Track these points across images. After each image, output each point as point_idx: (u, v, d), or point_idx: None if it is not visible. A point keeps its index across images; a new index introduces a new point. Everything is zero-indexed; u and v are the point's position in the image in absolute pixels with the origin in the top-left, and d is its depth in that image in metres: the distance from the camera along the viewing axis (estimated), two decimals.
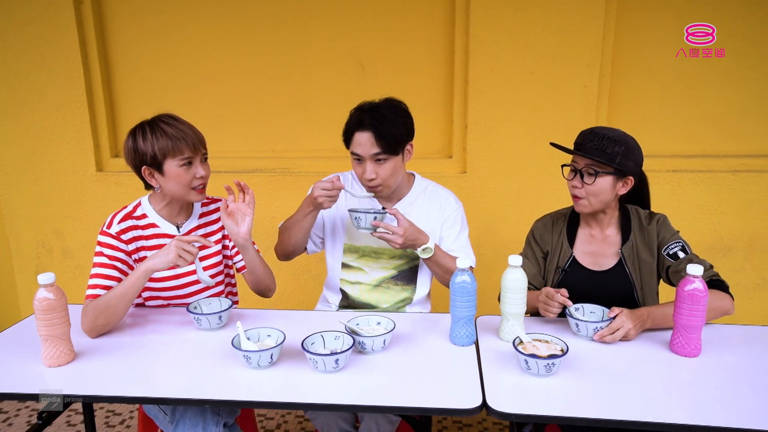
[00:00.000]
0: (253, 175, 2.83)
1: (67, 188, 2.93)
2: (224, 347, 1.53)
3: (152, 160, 1.63)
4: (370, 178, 1.81)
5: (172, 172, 1.64)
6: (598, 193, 1.66)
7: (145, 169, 1.66)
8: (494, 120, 2.67)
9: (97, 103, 2.86)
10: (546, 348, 1.39)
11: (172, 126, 1.64)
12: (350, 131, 1.82)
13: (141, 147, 1.63)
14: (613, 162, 1.62)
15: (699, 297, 1.40)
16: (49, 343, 1.41)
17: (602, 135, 1.63)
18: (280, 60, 2.78)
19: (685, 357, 1.45)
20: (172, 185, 1.66)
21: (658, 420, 1.20)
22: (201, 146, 1.68)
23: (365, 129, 1.77)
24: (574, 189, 1.69)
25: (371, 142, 1.77)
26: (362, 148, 1.79)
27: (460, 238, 1.97)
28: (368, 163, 1.80)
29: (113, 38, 2.83)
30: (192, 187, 1.68)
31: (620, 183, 1.67)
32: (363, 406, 1.29)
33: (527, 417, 1.23)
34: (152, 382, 1.38)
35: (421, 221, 1.93)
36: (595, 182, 1.64)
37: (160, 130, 1.63)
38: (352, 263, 1.99)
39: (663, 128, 2.72)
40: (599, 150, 1.62)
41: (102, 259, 1.65)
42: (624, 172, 1.65)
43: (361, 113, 1.80)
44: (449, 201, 1.99)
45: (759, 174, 2.67)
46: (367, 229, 1.77)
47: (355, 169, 1.87)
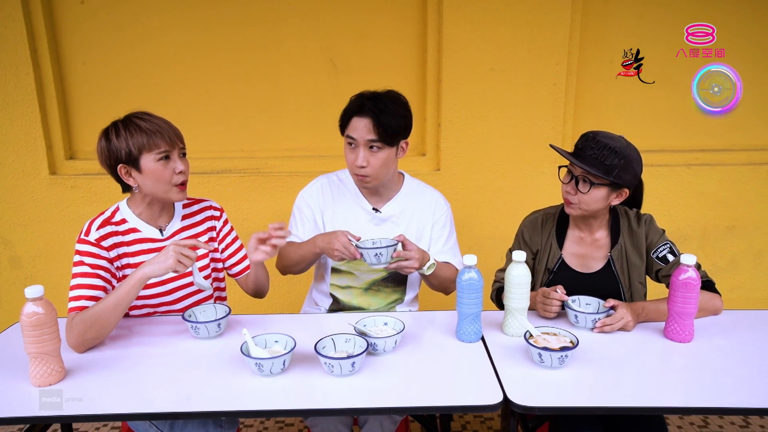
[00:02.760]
0: (222, 176, 2.73)
1: (16, 193, 2.71)
2: (225, 355, 1.47)
3: (127, 156, 1.55)
4: (361, 165, 1.78)
5: (149, 168, 1.56)
6: (590, 203, 1.65)
7: (121, 168, 1.57)
8: (467, 117, 2.71)
9: (49, 102, 2.66)
10: (556, 341, 1.42)
11: (146, 120, 1.57)
12: (348, 115, 1.79)
13: (115, 144, 1.55)
14: (610, 174, 1.59)
15: (692, 285, 1.47)
16: (39, 361, 1.30)
17: (603, 144, 1.60)
18: (249, 58, 2.69)
19: (680, 343, 1.53)
20: (151, 182, 1.58)
21: (668, 405, 1.26)
22: (178, 140, 1.61)
23: (364, 114, 1.75)
24: (567, 194, 1.68)
25: (368, 128, 1.75)
26: (358, 132, 1.76)
27: (449, 240, 1.98)
28: (361, 150, 1.78)
29: (65, 31, 2.65)
30: (173, 183, 1.60)
31: (614, 194, 1.66)
32: (385, 408, 1.27)
33: (550, 409, 1.26)
34: (154, 397, 1.30)
35: (412, 222, 1.93)
36: (589, 192, 1.63)
37: (134, 125, 1.56)
38: (341, 267, 1.95)
39: (625, 125, 2.84)
40: (597, 160, 1.60)
41: (83, 269, 1.54)
42: (620, 185, 1.64)
43: (362, 99, 1.78)
44: (439, 202, 1.99)
45: (711, 167, 2.85)
46: (384, 263, 1.70)
47: (347, 156, 1.83)
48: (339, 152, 2.74)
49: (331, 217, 1.93)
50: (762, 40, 2.75)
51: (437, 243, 1.96)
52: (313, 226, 1.94)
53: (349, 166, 1.84)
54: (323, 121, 2.76)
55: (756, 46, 2.76)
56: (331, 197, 1.95)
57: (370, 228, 1.92)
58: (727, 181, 2.86)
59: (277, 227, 1.57)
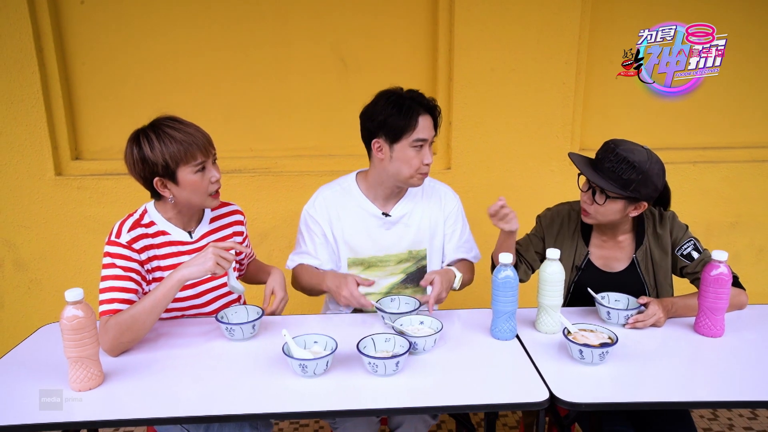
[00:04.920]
0: (232, 176, 2.70)
1: (20, 194, 2.66)
2: (262, 356, 1.46)
3: (164, 170, 1.51)
4: (430, 162, 1.77)
5: (187, 180, 1.53)
6: (607, 214, 1.65)
7: (157, 181, 1.53)
8: (478, 116, 2.72)
9: (55, 101, 2.61)
10: (594, 337, 1.44)
11: (179, 130, 1.52)
12: (413, 116, 1.71)
13: (149, 156, 1.50)
14: (627, 189, 1.58)
15: (724, 281, 1.50)
16: (79, 365, 1.28)
17: (622, 158, 1.57)
18: (258, 56, 2.67)
19: (711, 338, 1.55)
20: (188, 194, 1.55)
21: (708, 399, 1.29)
22: (211, 147, 1.58)
23: (426, 112, 1.74)
24: (584, 203, 1.69)
25: (431, 125, 1.76)
26: (427, 131, 1.74)
27: (464, 233, 1.98)
28: (428, 147, 1.76)
29: (71, 30, 2.60)
30: (209, 193, 1.58)
31: (632, 207, 1.65)
32: (433, 407, 1.27)
33: (596, 405, 1.27)
34: (195, 400, 1.29)
35: (424, 218, 1.92)
36: (605, 204, 1.63)
37: (168, 135, 1.50)
38: (360, 275, 1.88)
39: (632, 124, 2.88)
40: (615, 173, 1.58)
41: (115, 271, 1.51)
42: (638, 198, 1.62)
43: (410, 100, 1.73)
44: (448, 196, 1.98)
45: (714, 165, 2.90)
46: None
47: (412, 158, 1.74)
48: (349, 151, 2.76)
49: (341, 228, 1.88)
50: (764, 39, 2.81)
51: (452, 238, 1.95)
52: (324, 241, 1.89)
53: (415, 167, 1.76)
54: (333, 120, 2.75)
55: (758, 44, 2.81)
56: (337, 208, 1.88)
57: (381, 233, 1.89)
58: (730, 178, 2.92)
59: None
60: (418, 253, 1.93)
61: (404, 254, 1.91)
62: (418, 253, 1.93)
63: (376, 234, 1.88)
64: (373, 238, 1.88)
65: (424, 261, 1.95)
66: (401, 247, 1.90)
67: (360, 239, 1.87)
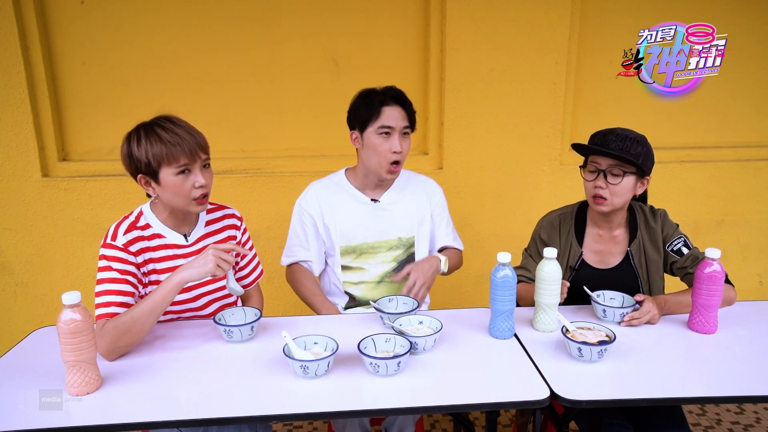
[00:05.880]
0: (224, 177, 2.68)
1: (6, 196, 2.61)
2: (261, 358, 1.45)
3: (147, 168, 1.50)
4: (399, 150, 1.84)
5: (168, 181, 1.51)
6: (623, 193, 1.70)
7: (140, 178, 1.52)
8: (469, 116, 2.73)
9: (41, 101, 2.57)
10: (592, 335, 1.45)
11: (168, 130, 1.50)
12: (376, 106, 1.83)
13: (135, 153, 1.50)
14: (638, 161, 1.66)
15: (718, 278, 1.53)
16: (77, 369, 1.26)
17: (624, 136, 1.68)
18: (249, 57, 2.65)
19: (704, 334, 1.58)
20: (170, 195, 1.53)
21: (705, 395, 1.31)
22: (200, 151, 1.54)
23: (394, 104, 1.85)
24: (599, 189, 1.70)
25: (402, 115, 1.85)
26: (395, 120, 1.84)
27: (449, 222, 2.10)
28: (398, 136, 1.85)
29: (58, 29, 2.55)
30: (192, 197, 1.54)
31: (639, 183, 1.73)
32: (435, 406, 1.27)
33: (597, 402, 1.28)
34: (194, 403, 1.28)
35: (411, 206, 2.01)
36: (621, 182, 1.68)
37: (155, 134, 1.49)
38: (351, 264, 1.98)
39: (621, 123, 2.86)
40: (624, 150, 1.66)
41: (111, 274, 1.49)
42: (645, 172, 1.71)
43: (380, 93, 1.86)
44: (434, 187, 2.09)
45: (701, 164, 2.95)
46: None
47: (380, 146, 1.85)
48: (342, 151, 2.75)
49: (331, 217, 1.96)
50: (747, 41, 2.86)
51: (440, 226, 2.07)
52: (314, 232, 1.99)
53: (383, 155, 1.85)
54: (326, 120, 2.74)
55: (753, 43, 2.86)
56: (328, 199, 1.98)
57: (371, 220, 1.96)
58: (716, 177, 2.97)
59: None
60: (407, 240, 2.00)
61: (394, 241, 1.98)
62: (407, 240, 2.00)
63: (367, 221, 1.97)
64: (365, 225, 1.97)
65: (413, 248, 2.02)
66: (391, 234, 1.98)
67: (351, 225, 1.96)
